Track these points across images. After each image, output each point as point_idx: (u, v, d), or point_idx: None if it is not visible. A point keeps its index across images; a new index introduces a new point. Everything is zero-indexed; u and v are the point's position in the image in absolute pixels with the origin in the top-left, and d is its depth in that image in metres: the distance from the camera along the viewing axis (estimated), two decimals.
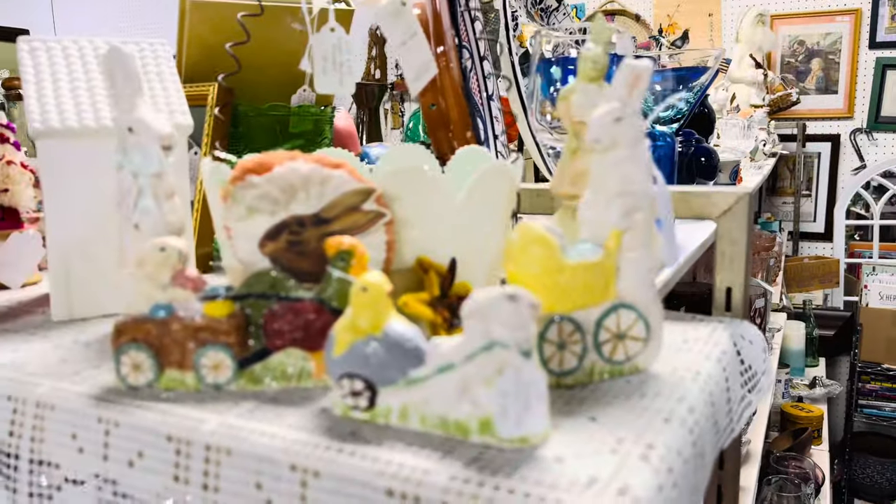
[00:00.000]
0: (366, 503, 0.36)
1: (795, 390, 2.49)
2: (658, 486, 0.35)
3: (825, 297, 3.20)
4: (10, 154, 0.78)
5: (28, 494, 0.47)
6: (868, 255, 3.16)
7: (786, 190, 3.37)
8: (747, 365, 0.58)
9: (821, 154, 3.30)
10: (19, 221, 0.79)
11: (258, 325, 0.47)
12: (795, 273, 3.05)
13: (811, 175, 3.33)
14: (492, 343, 0.37)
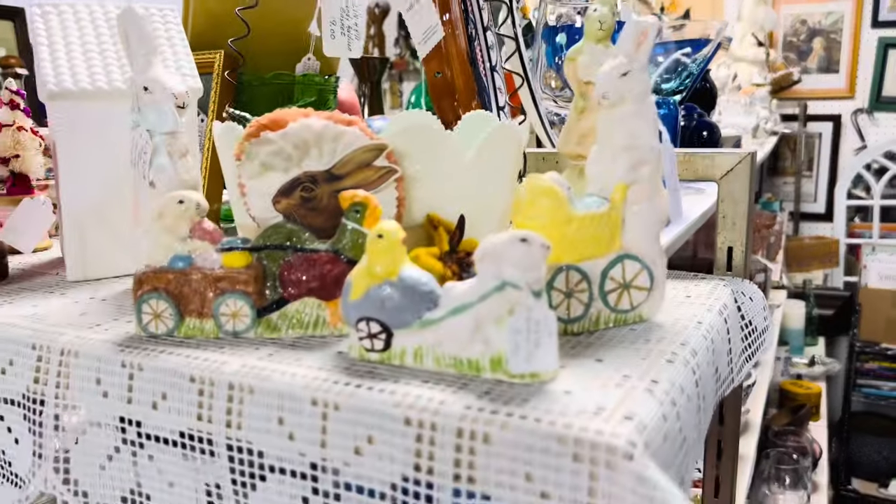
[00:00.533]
0: (385, 432, 0.37)
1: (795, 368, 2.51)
2: (662, 416, 0.36)
3: (825, 278, 3.22)
4: (20, 120, 0.79)
5: (53, 439, 0.49)
6: (868, 236, 3.18)
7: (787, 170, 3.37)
8: (748, 321, 0.59)
9: (822, 134, 3.31)
10: (30, 187, 0.80)
11: (275, 275, 0.48)
12: (796, 253, 3.07)
13: (812, 155, 3.34)
14: (504, 283, 0.39)
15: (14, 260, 0.76)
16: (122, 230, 0.64)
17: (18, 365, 0.50)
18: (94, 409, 0.47)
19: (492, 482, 0.35)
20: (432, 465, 0.36)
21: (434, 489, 0.36)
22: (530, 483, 0.34)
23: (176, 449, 0.45)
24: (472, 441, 0.35)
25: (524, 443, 0.34)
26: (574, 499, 0.33)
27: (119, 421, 0.46)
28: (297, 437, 0.40)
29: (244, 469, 0.42)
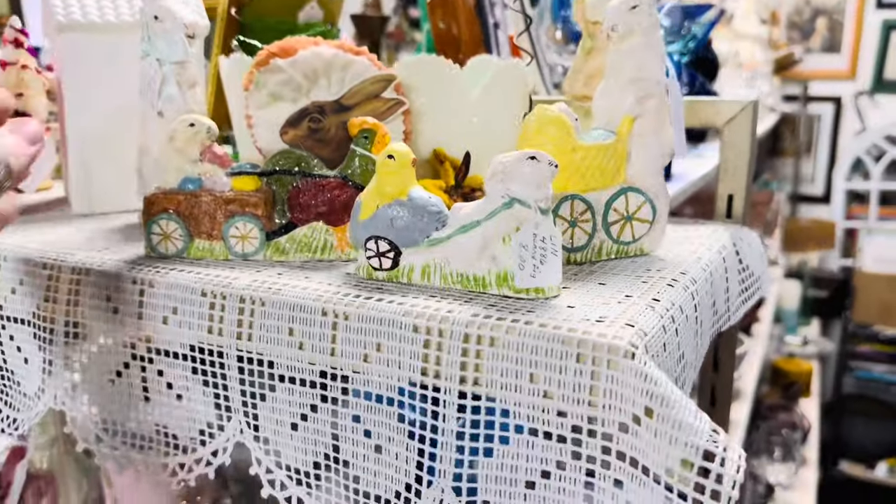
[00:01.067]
0: (393, 340, 0.38)
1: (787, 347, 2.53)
2: (662, 327, 0.38)
3: (820, 260, 3.23)
4: (24, 59, 0.79)
5: (63, 356, 0.50)
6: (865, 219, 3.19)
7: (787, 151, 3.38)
8: (745, 265, 0.60)
9: (822, 116, 3.31)
10: None
11: (284, 200, 0.49)
12: (792, 234, 3.08)
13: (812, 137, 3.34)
14: (512, 200, 0.40)
15: (18, 199, 0.76)
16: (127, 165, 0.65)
17: (28, 284, 0.51)
18: (104, 328, 0.48)
19: (497, 384, 0.36)
20: (439, 370, 0.37)
21: (441, 393, 0.37)
22: (534, 384, 0.35)
23: (186, 363, 0.46)
24: (478, 345, 0.36)
25: (529, 345, 0.35)
26: (576, 398, 0.34)
27: (129, 337, 0.47)
28: (306, 347, 0.41)
29: (254, 380, 0.43)
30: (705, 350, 0.49)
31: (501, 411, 0.37)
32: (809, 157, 3.39)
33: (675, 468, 0.32)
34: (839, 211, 3.24)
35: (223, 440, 0.45)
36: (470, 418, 0.37)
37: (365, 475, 0.41)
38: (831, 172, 3.31)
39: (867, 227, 3.14)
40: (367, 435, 0.40)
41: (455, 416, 0.37)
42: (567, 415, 0.35)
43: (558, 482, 0.36)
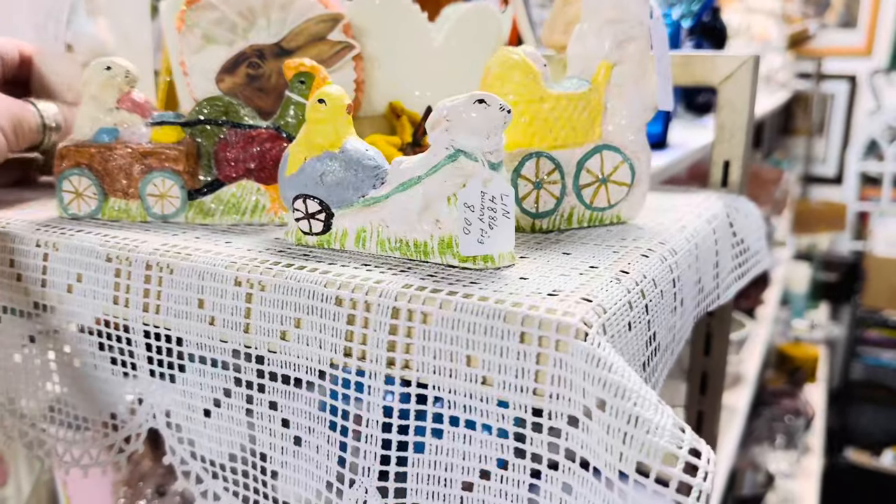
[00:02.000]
0: (314, 314, 0.33)
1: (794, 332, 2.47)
2: (628, 303, 0.32)
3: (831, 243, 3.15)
4: None
5: None
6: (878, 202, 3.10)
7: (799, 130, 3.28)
8: (740, 238, 0.54)
9: (836, 95, 3.21)
10: None
11: (210, 154, 0.43)
12: (803, 216, 3.00)
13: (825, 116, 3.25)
14: (457, 152, 0.34)
15: None
16: None
17: None
18: (5, 296, 0.42)
19: (429, 367, 0.30)
20: (364, 350, 0.32)
21: (365, 377, 0.32)
22: (471, 368, 0.30)
23: (92, 337, 0.40)
24: (409, 322, 0.31)
25: (466, 322, 0.30)
26: (519, 385, 0.29)
27: (34, 307, 0.42)
28: (218, 322, 0.35)
29: (162, 358, 0.38)
30: (688, 332, 0.43)
31: (434, 399, 0.31)
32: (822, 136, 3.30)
33: (629, 472, 0.26)
34: (852, 193, 3.15)
35: (135, 425, 0.40)
36: (398, 407, 0.31)
37: (284, 470, 0.35)
38: (844, 153, 3.22)
39: (880, 209, 3.05)
40: (285, 424, 0.35)
41: (381, 404, 0.32)
42: (509, 405, 0.29)
43: (499, 483, 0.30)
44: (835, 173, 3.30)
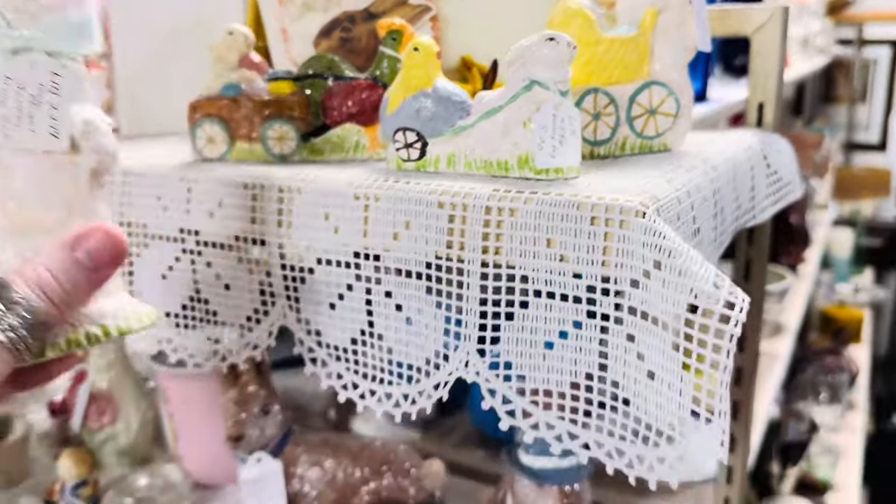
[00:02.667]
0: (420, 216, 0.41)
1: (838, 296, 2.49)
2: (676, 199, 0.39)
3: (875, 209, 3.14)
4: None
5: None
6: None
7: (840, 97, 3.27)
8: (773, 169, 0.61)
9: (878, 60, 3.18)
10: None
11: (318, 103, 0.51)
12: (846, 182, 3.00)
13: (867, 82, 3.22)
14: (532, 83, 0.41)
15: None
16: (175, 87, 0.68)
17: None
18: (155, 224, 0.52)
19: (516, 252, 0.38)
20: (463, 242, 0.40)
21: (464, 263, 0.40)
22: (550, 248, 0.37)
23: (231, 252, 0.49)
24: (499, 216, 0.39)
25: (546, 213, 0.37)
26: (590, 259, 0.36)
27: (179, 232, 0.51)
28: (341, 230, 0.44)
29: (293, 264, 0.46)
30: (726, 240, 0.50)
31: (521, 277, 0.39)
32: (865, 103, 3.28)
33: (682, 314, 0.33)
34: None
35: (269, 324, 0.49)
36: (492, 285, 0.40)
37: (398, 346, 0.44)
38: (888, 119, 3.19)
39: None
40: (398, 308, 0.43)
41: (478, 284, 0.40)
42: (582, 276, 0.37)
43: (575, 341, 0.38)
44: (878, 140, 3.27)
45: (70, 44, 0.30)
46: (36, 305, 0.28)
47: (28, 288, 0.28)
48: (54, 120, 0.30)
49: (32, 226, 0.30)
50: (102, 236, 0.29)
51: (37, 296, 0.28)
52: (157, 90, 0.69)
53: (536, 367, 0.39)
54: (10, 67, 0.29)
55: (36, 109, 0.30)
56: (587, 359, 0.38)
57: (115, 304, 0.32)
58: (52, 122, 0.30)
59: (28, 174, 0.30)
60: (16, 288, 0.28)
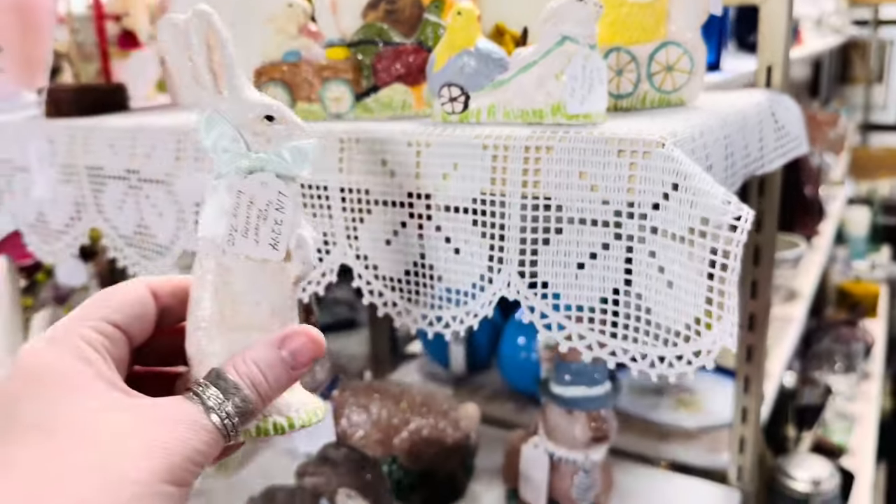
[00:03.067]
0: (466, 158, 0.47)
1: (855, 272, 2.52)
2: (691, 136, 0.45)
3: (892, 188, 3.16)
4: None
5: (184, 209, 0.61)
6: None
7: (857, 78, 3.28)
8: (781, 124, 0.66)
9: (894, 41, 3.19)
10: (138, 42, 0.91)
11: (368, 66, 0.58)
12: (862, 162, 3.02)
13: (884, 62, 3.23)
14: (564, 38, 0.47)
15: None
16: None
17: (161, 149, 0.61)
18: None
19: (552, 184, 0.44)
20: (505, 178, 0.46)
21: (506, 197, 0.46)
22: (583, 180, 0.43)
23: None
24: (536, 154, 0.45)
25: (579, 148, 0.43)
26: (617, 186, 0.42)
27: None
28: (397, 173, 0.50)
29: (353, 206, 0.53)
30: (737, 182, 0.56)
31: (556, 207, 0.45)
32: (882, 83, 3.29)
33: (696, 227, 0.39)
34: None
35: (330, 262, 0.55)
36: (530, 215, 0.46)
37: (447, 274, 0.50)
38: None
39: None
40: (447, 241, 0.49)
41: (518, 214, 0.46)
42: (609, 202, 0.43)
43: (604, 261, 0.44)
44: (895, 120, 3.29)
45: (295, 166, 0.34)
46: (248, 396, 0.30)
47: (241, 379, 0.31)
48: (276, 234, 0.33)
49: (241, 323, 0.33)
50: (306, 339, 0.32)
51: (247, 387, 0.31)
52: None
53: (570, 285, 0.46)
54: (244, 184, 0.33)
55: (262, 223, 0.33)
56: (614, 276, 0.44)
57: (298, 398, 0.34)
58: (274, 235, 0.33)
59: (245, 278, 0.33)
60: (232, 378, 0.31)
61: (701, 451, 0.89)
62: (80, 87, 0.80)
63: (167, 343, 0.34)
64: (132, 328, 0.32)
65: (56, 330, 0.30)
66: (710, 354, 0.40)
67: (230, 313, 0.33)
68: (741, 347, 0.79)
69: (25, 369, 0.29)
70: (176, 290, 0.34)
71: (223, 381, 0.30)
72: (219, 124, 0.33)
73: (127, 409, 0.28)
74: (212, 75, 0.33)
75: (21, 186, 0.77)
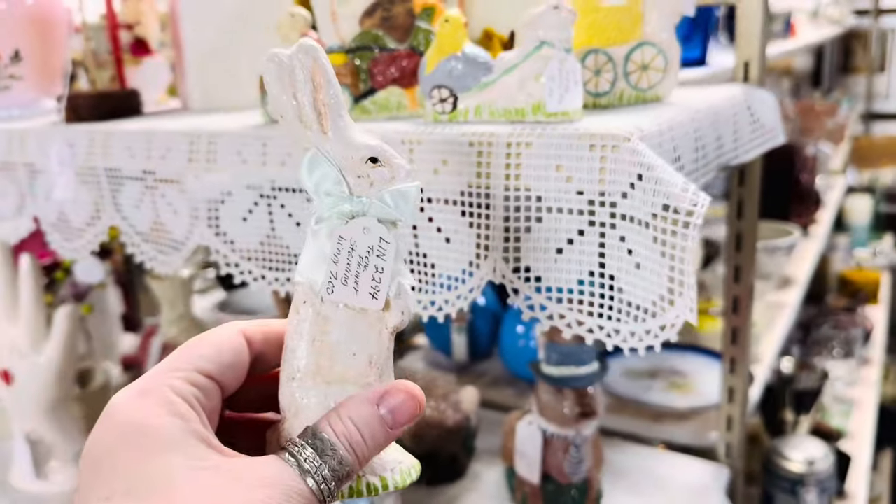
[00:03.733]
0: (454, 154, 0.51)
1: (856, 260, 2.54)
2: (658, 131, 0.49)
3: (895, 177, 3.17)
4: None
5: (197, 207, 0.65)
6: None
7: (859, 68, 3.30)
8: (756, 117, 0.70)
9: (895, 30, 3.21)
10: (149, 50, 0.96)
11: (366, 70, 0.62)
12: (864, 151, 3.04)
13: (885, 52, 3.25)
14: (542, 43, 0.51)
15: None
16: (237, 67, 0.79)
17: (174, 150, 0.66)
18: (234, 172, 0.63)
19: (532, 177, 0.49)
20: (490, 172, 0.50)
21: (491, 189, 0.50)
22: (560, 172, 0.48)
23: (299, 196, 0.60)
24: (517, 149, 0.49)
25: (555, 143, 0.48)
26: (589, 178, 0.47)
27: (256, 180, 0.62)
28: None
29: None
30: (710, 172, 0.60)
31: (536, 197, 0.49)
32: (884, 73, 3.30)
33: (658, 213, 0.43)
34: None
35: None
36: (513, 206, 0.50)
37: (439, 262, 0.54)
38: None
39: None
40: (438, 231, 0.54)
41: (502, 205, 0.50)
42: (583, 192, 0.47)
43: (580, 246, 0.49)
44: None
45: (397, 211, 0.32)
46: (345, 457, 0.29)
47: (339, 440, 0.29)
48: (376, 282, 0.32)
49: (337, 375, 0.31)
50: (405, 395, 0.31)
51: (344, 448, 0.29)
52: (221, 70, 0.80)
53: (550, 269, 0.50)
54: (345, 230, 0.31)
55: (362, 270, 0.31)
56: (589, 259, 0.48)
57: (393, 457, 0.33)
58: (374, 283, 0.32)
59: (343, 328, 0.31)
60: (329, 437, 0.29)
61: (692, 431, 0.93)
62: (97, 94, 0.84)
63: (260, 389, 0.33)
64: (225, 377, 0.31)
65: (147, 381, 0.29)
66: (674, 328, 0.44)
67: (327, 364, 0.31)
68: (726, 330, 0.83)
69: (118, 422, 0.28)
70: (269, 336, 0.33)
71: (320, 442, 0.29)
72: (322, 165, 0.32)
73: (221, 469, 0.27)
74: (316, 114, 0.32)
75: (43, 189, 0.82)
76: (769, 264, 1.32)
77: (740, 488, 0.87)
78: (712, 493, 0.82)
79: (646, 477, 0.86)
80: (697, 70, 0.89)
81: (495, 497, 0.83)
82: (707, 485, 0.83)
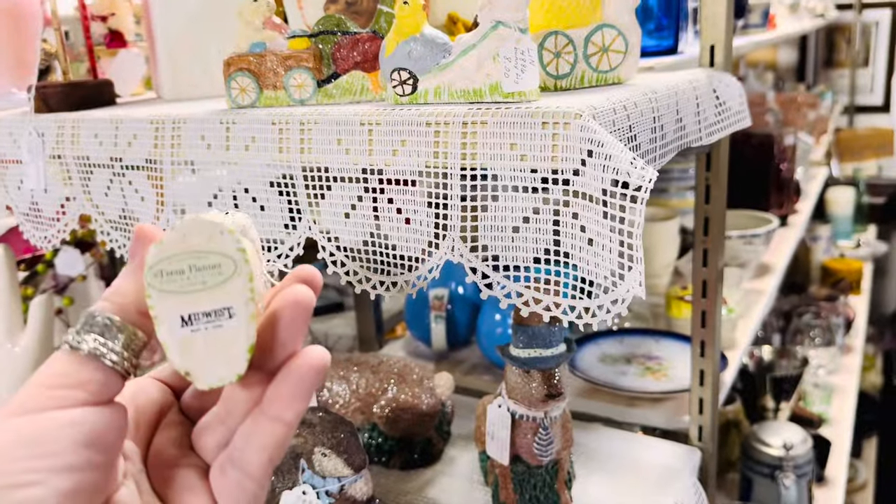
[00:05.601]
0: (412, 134, 0.52)
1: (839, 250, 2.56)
2: (612, 109, 0.50)
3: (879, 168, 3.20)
4: None
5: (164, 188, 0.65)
6: None
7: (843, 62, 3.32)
8: (722, 100, 0.71)
9: (879, 23, 3.23)
10: (125, 42, 0.96)
11: (329, 55, 0.62)
12: (848, 143, 3.06)
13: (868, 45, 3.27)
14: (497, 23, 0.52)
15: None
16: (208, 57, 0.80)
17: (141, 137, 0.66)
18: (200, 160, 0.63)
19: (488, 156, 0.49)
20: (447, 152, 0.51)
21: (448, 169, 0.51)
22: (514, 150, 0.48)
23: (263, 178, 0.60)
24: (473, 128, 0.49)
25: (509, 122, 0.48)
26: (543, 156, 0.47)
27: (221, 164, 0.62)
28: (351, 151, 0.55)
29: (315, 183, 0.57)
30: (672, 152, 0.60)
31: (492, 176, 0.50)
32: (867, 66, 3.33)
33: (608, 188, 0.44)
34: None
35: (297, 237, 0.60)
36: (469, 185, 0.50)
37: (399, 242, 0.55)
38: (890, 81, 3.24)
39: None
40: (399, 212, 0.54)
41: (459, 185, 0.51)
42: (537, 170, 0.48)
43: (535, 224, 0.49)
44: (882, 101, 3.33)
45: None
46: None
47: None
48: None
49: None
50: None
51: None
52: (192, 60, 0.80)
53: (507, 247, 0.50)
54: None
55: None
56: (545, 237, 0.49)
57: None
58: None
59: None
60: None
61: (666, 415, 0.94)
62: (67, 84, 0.84)
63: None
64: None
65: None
66: (625, 302, 0.45)
67: None
68: (696, 313, 0.84)
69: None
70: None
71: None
72: None
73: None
74: None
75: (14, 179, 0.82)
76: (747, 252, 1.33)
77: (712, 470, 0.88)
78: (682, 475, 0.83)
79: (618, 460, 0.87)
80: (668, 58, 0.90)
81: (468, 479, 0.84)
82: (678, 467, 0.84)
